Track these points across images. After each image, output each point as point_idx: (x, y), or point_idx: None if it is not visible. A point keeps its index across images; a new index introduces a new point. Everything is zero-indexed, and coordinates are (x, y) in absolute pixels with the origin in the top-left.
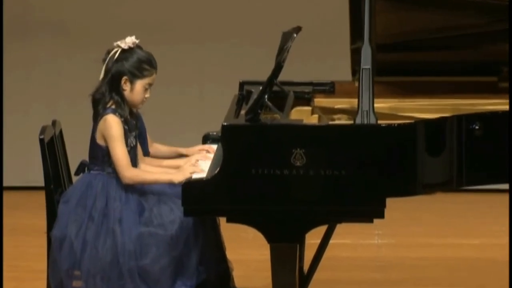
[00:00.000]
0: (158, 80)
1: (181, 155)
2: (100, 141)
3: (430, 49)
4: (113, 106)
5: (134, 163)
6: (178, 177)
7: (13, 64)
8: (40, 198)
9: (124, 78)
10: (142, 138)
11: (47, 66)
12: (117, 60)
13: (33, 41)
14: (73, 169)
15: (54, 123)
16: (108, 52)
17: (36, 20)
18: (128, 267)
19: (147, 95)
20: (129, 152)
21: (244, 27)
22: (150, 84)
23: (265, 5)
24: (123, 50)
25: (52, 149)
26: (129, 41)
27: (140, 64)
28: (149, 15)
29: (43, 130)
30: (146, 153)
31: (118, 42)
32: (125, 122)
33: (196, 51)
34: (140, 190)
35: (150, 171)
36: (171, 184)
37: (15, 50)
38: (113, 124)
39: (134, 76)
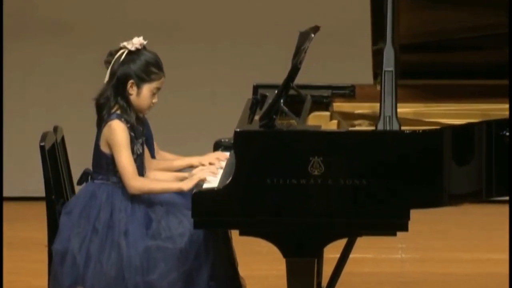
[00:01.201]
0: (166, 83)
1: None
2: (104, 148)
3: (457, 50)
4: (118, 112)
5: (141, 171)
6: (188, 184)
7: (10, 66)
8: (40, 209)
9: (131, 81)
10: (148, 144)
11: (47, 67)
12: (123, 62)
13: (32, 40)
14: (75, 178)
15: (55, 129)
16: (111, 54)
17: (35, 19)
18: (134, 282)
19: (154, 100)
20: (135, 160)
21: (258, 26)
22: (158, 89)
23: (280, 3)
24: (130, 52)
25: (53, 156)
26: (137, 42)
27: (148, 67)
28: (156, 13)
29: (44, 137)
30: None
31: (125, 43)
32: (131, 128)
33: (207, 52)
34: (147, 200)
35: (158, 180)
36: (181, 192)
37: (13, 50)
38: (118, 131)
39: (141, 80)
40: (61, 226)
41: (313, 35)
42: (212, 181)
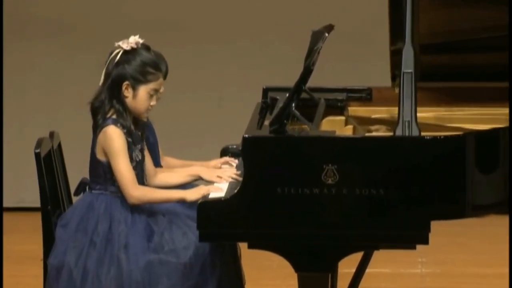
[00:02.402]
0: (171, 85)
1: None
2: (100, 156)
3: (481, 50)
4: (114, 116)
5: (141, 180)
6: (192, 194)
7: (7, 67)
8: (35, 221)
9: (125, 83)
10: (153, 150)
11: (46, 69)
12: (118, 63)
13: (29, 41)
14: (73, 187)
15: (52, 135)
16: (111, 54)
17: (32, 18)
18: None
19: (152, 103)
20: (134, 168)
21: (268, 25)
22: (156, 90)
23: (292, 1)
24: (125, 52)
25: (49, 165)
26: (132, 41)
27: (144, 67)
28: (160, 12)
29: (39, 143)
30: (158, 166)
31: (120, 43)
32: (128, 133)
33: (213, 52)
34: (148, 211)
35: (159, 189)
36: (183, 202)
37: (8, 52)
38: (114, 137)
39: (136, 81)
40: (57, 239)
41: (327, 34)
42: (219, 190)
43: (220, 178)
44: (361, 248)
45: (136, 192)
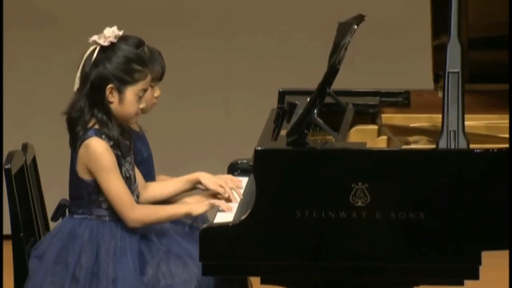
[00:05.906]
0: (168, 88)
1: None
2: (83, 174)
3: None
4: (97, 126)
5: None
6: (198, 208)
7: None
8: (5, 251)
9: (109, 86)
10: (147, 166)
11: (17, 70)
12: (96, 62)
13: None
14: (50, 211)
15: (24, 147)
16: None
17: (4, 7)
18: None
19: (142, 106)
20: None
21: (285, 16)
22: (144, 90)
23: None
24: (103, 48)
25: (22, 183)
26: (109, 34)
27: (129, 64)
28: (157, 2)
29: (10, 157)
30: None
31: (95, 37)
32: (115, 145)
33: (219, 48)
34: (142, 237)
35: (161, 206)
36: (188, 217)
37: None
38: (99, 152)
39: (122, 83)
40: (31, 272)
41: (355, 27)
42: (227, 213)
43: (222, 189)
44: (397, 284)
45: (135, 213)
